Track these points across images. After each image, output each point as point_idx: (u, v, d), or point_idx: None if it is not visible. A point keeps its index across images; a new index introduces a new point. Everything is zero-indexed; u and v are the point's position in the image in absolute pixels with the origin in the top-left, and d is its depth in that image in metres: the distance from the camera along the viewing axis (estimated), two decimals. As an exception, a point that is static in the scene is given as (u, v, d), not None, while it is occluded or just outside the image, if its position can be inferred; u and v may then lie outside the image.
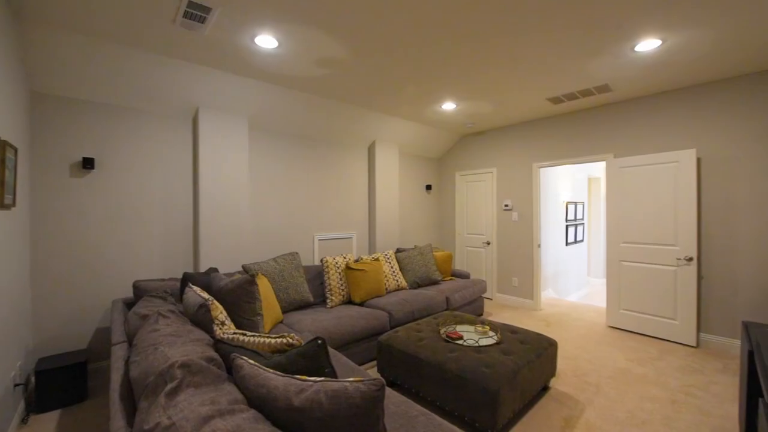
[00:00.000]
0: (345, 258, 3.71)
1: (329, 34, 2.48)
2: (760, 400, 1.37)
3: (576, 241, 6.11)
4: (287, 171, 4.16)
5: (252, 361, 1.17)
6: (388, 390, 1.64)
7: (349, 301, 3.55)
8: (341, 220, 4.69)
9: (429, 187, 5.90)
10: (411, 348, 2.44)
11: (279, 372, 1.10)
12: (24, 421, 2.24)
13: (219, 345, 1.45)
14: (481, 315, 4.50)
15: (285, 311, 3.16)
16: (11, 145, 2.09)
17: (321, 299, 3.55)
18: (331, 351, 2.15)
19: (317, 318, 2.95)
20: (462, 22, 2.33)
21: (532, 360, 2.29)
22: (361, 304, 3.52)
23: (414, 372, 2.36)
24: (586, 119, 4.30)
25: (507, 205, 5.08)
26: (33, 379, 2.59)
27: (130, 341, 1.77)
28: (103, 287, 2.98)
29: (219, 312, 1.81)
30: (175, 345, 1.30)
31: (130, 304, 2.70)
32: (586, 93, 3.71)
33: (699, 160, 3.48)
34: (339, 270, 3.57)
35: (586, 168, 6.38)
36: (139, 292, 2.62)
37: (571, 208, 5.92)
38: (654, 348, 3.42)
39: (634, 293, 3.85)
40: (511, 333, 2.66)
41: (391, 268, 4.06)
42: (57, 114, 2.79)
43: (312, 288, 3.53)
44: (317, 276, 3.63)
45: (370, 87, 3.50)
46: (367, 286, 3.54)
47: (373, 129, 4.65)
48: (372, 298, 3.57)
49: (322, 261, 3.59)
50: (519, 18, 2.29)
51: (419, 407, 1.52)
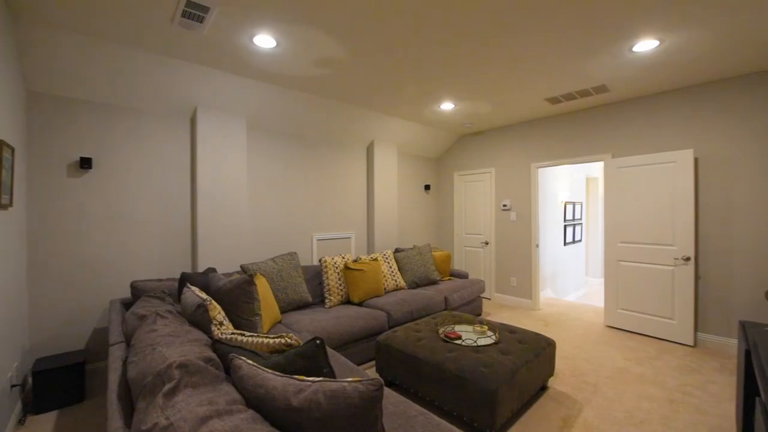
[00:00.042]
0: (343, 258, 3.71)
1: (328, 33, 2.48)
2: (756, 399, 1.38)
3: (574, 241, 6.12)
4: (286, 171, 4.15)
5: (250, 362, 1.17)
6: (386, 390, 1.64)
7: (348, 301, 3.55)
8: (340, 220, 4.69)
9: (427, 187, 5.91)
10: (410, 348, 2.44)
11: (277, 372, 1.10)
12: (21, 422, 2.23)
13: (217, 345, 1.44)
14: (480, 315, 4.51)
15: (283, 311, 3.15)
16: (8, 145, 2.08)
17: (319, 299, 3.55)
18: (330, 351, 2.15)
19: (316, 318, 2.95)
20: (461, 22, 2.33)
21: (530, 360, 2.29)
22: (360, 304, 3.52)
23: (413, 372, 2.36)
24: (584, 119, 4.31)
25: (505, 205, 5.08)
26: (30, 380, 2.58)
27: (127, 341, 1.76)
28: (101, 287, 2.97)
29: (217, 312, 1.80)
30: (173, 345, 1.29)
31: (127, 304, 2.70)
32: (584, 93, 3.72)
33: (696, 160, 3.49)
34: (337, 270, 3.57)
35: (584, 168, 6.40)
36: (137, 292, 2.62)
37: (570, 208, 5.93)
38: (652, 347, 3.43)
39: (631, 293, 3.86)
40: (510, 333, 2.66)
41: (390, 268, 4.06)
42: (55, 113, 2.78)
43: (310, 288, 3.53)
44: (316, 276, 3.63)
45: (368, 87, 3.50)
46: (366, 286, 3.54)
47: (372, 129, 4.65)
48: (370, 298, 3.57)
49: (320, 261, 3.59)
50: (519, 18, 2.29)
51: (418, 407, 1.52)
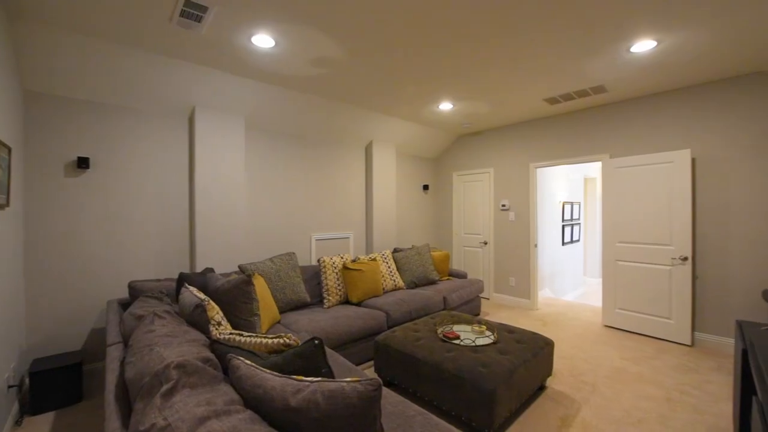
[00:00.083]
0: (342, 258, 3.70)
1: (326, 33, 2.47)
2: (753, 398, 1.39)
3: (572, 241, 6.13)
4: (284, 171, 4.15)
5: (248, 362, 1.17)
6: (385, 390, 1.64)
7: (347, 301, 3.55)
8: (338, 220, 4.68)
9: (426, 187, 5.91)
10: (408, 348, 2.44)
11: (276, 372, 1.10)
12: (18, 423, 2.22)
13: (215, 345, 1.44)
14: (478, 315, 4.51)
15: (282, 311, 3.15)
16: (5, 145, 2.07)
17: (318, 299, 3.55)
18: (328, 351, 2.14)
19: (314, 318, 2.94)
20: (460, 22, 2.33)
21: (528, 359, 2.29)
22: (359, 304, 3.52)
23: (411, 372, 2.36)
24: (582, 120, 4.32)
25: (504, 205, 5.09)
26: (27, 381, 2.56)
27: (125, 342, 1.76)
28: (99, 287, 2.96)
29: (215, 312, 1.80)
30: (171, 346, 1.29)
31: (125, 304, 2.69)
32: (582, 94, 3.72)
33: (694, 160, 3.50)
34: (336, 270, 3.56)
35: (582, 168, 6.42)
36: (135, 292, 2.61)
37: (568, 208, 5.94)
38: (649, 347, 3.44)
39: (629, 293, 3.87)
40: (508, 332, 2.67)
41: (389, 268, 4.06)
42: (52, 113, 2.77)
43: (309, 288, 3.53)
44: (314, 276, 3.63)
45: (367, 87, 3.50)
46: (365, 286, 3.54)
47: (371, 129, 4.65)
48: (369, 298, 3.57)
49: (319, 261, 3.58)
50: (518, 18, 2.30)
51: (416, 407, 1.52)
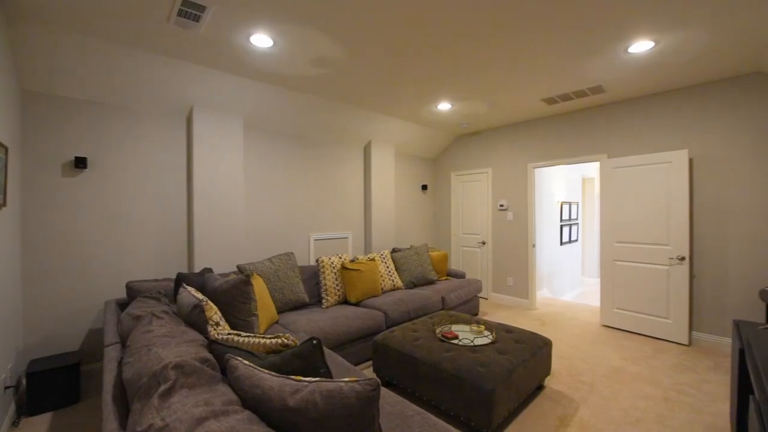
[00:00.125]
0: (341, 258, 3.70)
1: (325, 33, 2.47)
2: (750, 397, 1.39)
3: (570, 241, 6.15)
4: (283, 170, 4.14)
5: (247, 362, 1.16)
6: (383, 390, 1.64)
7: (345, 301, 3.55)
8: (337, 220, 4.68)
9: (425, 187, 5.91)
10: (407, 348, 2.44)
11: (274, 372, 1.10)
12: (15, 424, 2.21)
13: (213, 346, 1.44)
14: (477, 314, 4.52)
15: (280, 311, 3.15)
16: (2, 144, 2.07)
17: (316, 299, 3.55)
18: (327, 351, 2.14)
19: (313, 318, 2.94)
20: (460, 22, 2.33)
21: (527, 359, 2.30)
22: (357, 304, 3.52)
23: (410, 372, 2.36)
24: (580, 120, 4.33)
25: (502, 205, 5.10)
26: (24, 382, 2.55)
27: (123, 342, 1.75)
28: (96, 288, 2.95)
29: (213, 313, 1.80)
30: (169, 346, 1.29)
31: (123, 304, 2.68)
32: (580, 94, 3.73)
33: (691, 160, 3.52)
34: (335, 270, 3.56)
35: (580, 168, 6.43)
36: (133, 292, 2.60)
37: (566, 208, 5.96)
38: (647, 347, 3.45)
39: (627, 292, 3.89)
40: (506, 332, 2.67)
41: (387, 268, 4.06)
42: (50, 113, 2.76)
43: (307, 288, 3.52)
44: (313, 276, 3.62)
45: (366, 87, 3.50)
46: (363, 286, 3.54)
47: (369, 129, 4.65)
48: (368, 298, 3.57)
49: (317, 261, 3.58)
50: (518, 19, 2.30)
51: (415, 407, 1.52)
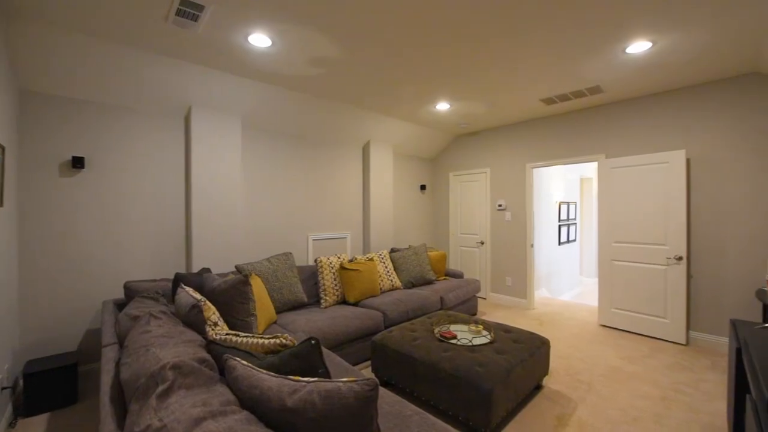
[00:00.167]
0: (339, 258, 3.70)
1: (324, 33, 2.47)
2: (747, 396, 1.40)
3: (568, 241, 6.16)
4: (281, 170, 4.14)
5: (245, 362, 1.16)
6: (382, 390, 1.64)
7: (344, 302, 3.55)
8: (335, 220, 4.68)
9: (423, 187, 5.92)
10: (405, 348, 2.44)
11: (272, 373, 1.10)
12: (12, 425, 2.20)
13: (211, 346, 1.43)
14: (475, 314, 4.52)
15: (279, 312, 3.14)
16: (-2, 144, 2.05)
17: (315, 299, 3.54)
18: (325, 351, 2.14)
19: (311, 318, 2.94)
20: (459, 22, 2.34)
21: (525, 359, 2.30)
22: (356, 304, 3.51)
23: (408, 372, 2.36)
24: (578, 120, 4.34)
25: (500, 205, 5.10)
26: (21, 382, 2.54)
27: (121, 343, 1.75)
28: (94, 288, 2.94)
29: (212, 313, 1.79)
30: (167, 346, 1.28)
31: (121, 305, 2.67)
32: (578, 94, 3.74)
33: (689, 160, 3.53)
34: (333, 270, 3.56)
35: (578, 168, 6.44)
36: (130, 292, 2.59)
37: (564, 208, 5.97)
38: (645, 346, 3.46)
39: (625, 292, 3.90)
40: (505, 332, 2.67)
41: (386, 268, 4.06)
42: (47, 112, 2.74)
43: (306, 288, 3.52)
44: (311, 276, 3.62)
45: (364, 87, 3.50)
46: (362, 286, 3.54)
47: (368, 129, 4.65)
48: (366, 298, 3.57)
49: (316, 261, 3.58)
50: (518, 19, 2.30)
51: (413, 407, 1.52)
